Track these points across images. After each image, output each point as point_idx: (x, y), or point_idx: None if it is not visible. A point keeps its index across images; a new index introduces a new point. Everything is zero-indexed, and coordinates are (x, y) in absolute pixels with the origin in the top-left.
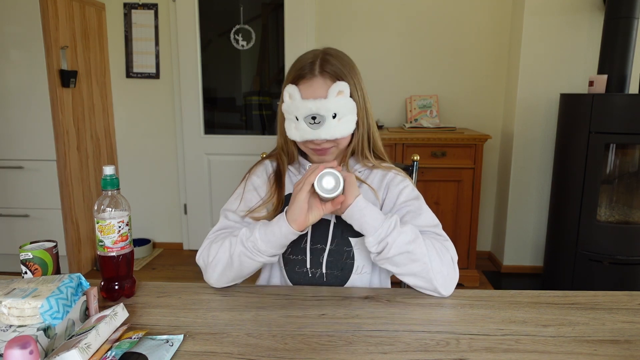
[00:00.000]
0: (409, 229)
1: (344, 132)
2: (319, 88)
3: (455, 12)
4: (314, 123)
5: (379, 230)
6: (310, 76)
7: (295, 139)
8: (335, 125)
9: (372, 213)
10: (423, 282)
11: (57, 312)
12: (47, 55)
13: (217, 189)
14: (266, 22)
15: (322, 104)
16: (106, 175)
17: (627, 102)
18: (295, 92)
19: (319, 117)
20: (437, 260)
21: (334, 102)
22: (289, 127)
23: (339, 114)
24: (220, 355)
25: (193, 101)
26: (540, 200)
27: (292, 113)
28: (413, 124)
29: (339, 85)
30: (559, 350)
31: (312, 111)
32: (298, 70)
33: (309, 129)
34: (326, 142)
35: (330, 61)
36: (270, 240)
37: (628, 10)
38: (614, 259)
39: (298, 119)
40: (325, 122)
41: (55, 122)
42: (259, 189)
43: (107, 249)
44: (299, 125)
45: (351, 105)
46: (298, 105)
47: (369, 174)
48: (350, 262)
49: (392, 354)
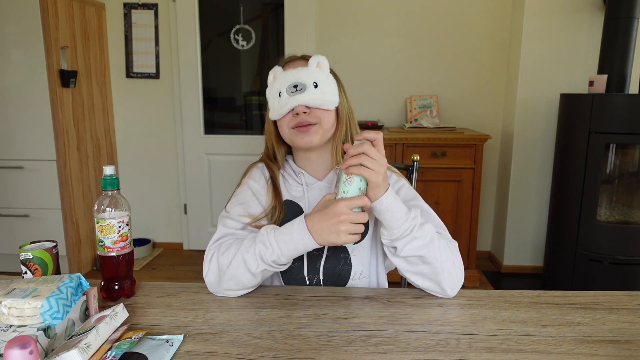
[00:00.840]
0: (427, 231)
1: (325, 102)
2: (300, 64)
3: (455, 12)
4: (296, 91)
5: (395, 230)
6: (293, 58)
7: (280, 113)
8: (317, 94)
9: (394, 212)
10: (431, 283)
11: (57, 312)
12: (47, 55)
13: (217, 189)
14: (266, 22)
15: (302, 71)
16: (106, 175)
17: (627, 102)
18: (278, 69)
19: (300, 85)
20: (448, 263)
21: (315, 71)
22: (272, 108)
23: (320, 83)
24: (220, 355)
25: (193, 101)
26: (540, 200)
27: (274, 90)
28: (413, 124)
29: (318, 58)
30: (559, 350)
31: (294, 78)
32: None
33: (290, 98)
34: (308, 115)
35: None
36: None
37: (628, 10)
38: (614, 259)
39: (281, 94)
40: (307, 89)
41: (55, 122)
42: (258, 195)
43: (107, 249)
44: (281, 100)
45: (332, 81)
46: (280, 78)
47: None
48: (347, 268)
49: (392, 354)
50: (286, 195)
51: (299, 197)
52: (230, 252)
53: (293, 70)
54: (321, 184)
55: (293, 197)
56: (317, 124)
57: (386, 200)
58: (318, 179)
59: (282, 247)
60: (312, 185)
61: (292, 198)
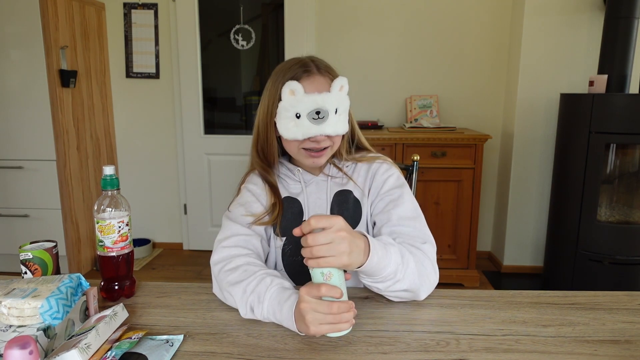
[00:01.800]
0: (407, 266)
1: (344, 128)
2: (321, 84)
3: (455, 12)
4: (318, 118)
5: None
6: (309, 73)
7: (297, 137)
8: (337, 121)
9: (377, 269)
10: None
11: (57, 312)
12: (47, 55)
13: (217, 189)
14: (266, 22)
15: (327, 98)
16: (106, 175)
17: (627, 102)
18: (298, 88)
19: (322, 112)
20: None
21: (337, 96)
22: (287, 127)
23: (339, 109)
24: (220, 355)
25: (193, 101)
26: (540, 200)
27: (293, 110)
28: (413, 124)
29: (341, 80)
30: (559, 350)
31: (318, 105)
32: (292, 70)
33: (312, 125)
34: (326, 141)
35: (319, 60)
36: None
37: (628, 10)
38: (614, 259)
39: (300, 116)
40: (329, 117)
41: (55, 122)
42: (258, 197)
43: (107, 249)
44: (300, 123)
45: (348, 103)
46: (302, 99)
47: (355, 167)
48: None
49: (392, 354)
50: (285, 192)
51: (298, 193)
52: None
53: (317, 96)
54: (318, 179)
55: (292, 193)
56: (329, 147)
57: (369, 264)
58: (314, 175)
59: (269, 314)
60: (309, 181)
61: (291, 195)
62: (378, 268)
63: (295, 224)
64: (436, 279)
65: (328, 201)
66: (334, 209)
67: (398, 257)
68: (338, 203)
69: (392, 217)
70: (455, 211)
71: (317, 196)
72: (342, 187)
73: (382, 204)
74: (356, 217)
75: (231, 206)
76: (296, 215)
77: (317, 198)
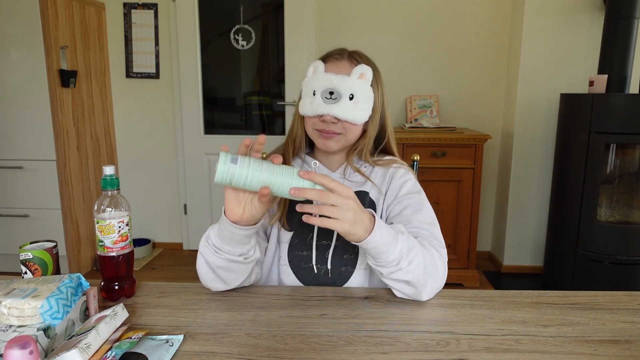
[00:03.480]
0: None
1: (356, 118)
2: (343, 67)
3: (455, 12)
4: (330, 98)
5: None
6: (339, 57)
7: (307, 113)
8: (350, 107)
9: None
10: (410, 291)
11: (57, 312)
12: (47, 55)
13: (217, 189)
14: (266, 22)
15: (342, 80)
16: (106, 175)
17: (627, 102)
18: (320, 66)
19: (336, 93)
20: (432, 278)
21: (355, 82)
22: (304, 103)
23: (357, 96)
24: (220, 355)
25: (193, 101)
26: (541, 200)
27: (310, 86)
28: (413, 124)
29: (362, 68)
30: (559, 350)
31: (332, 84)
32: (328, 52)
33: (323, 104)
34: (335, 125)
35: (360, 53)
36: (222, 236)
37: (628, 10)
38: (614, 259)
39: (315, 93)
40: (341, 100)
41: (55, 122)
42: None
43: (107, 249)
44: (314, 100)
45: (369, 94)
46: (319, 77)
47: (372, 169)
48: (354, 257)
49: (392, 354)
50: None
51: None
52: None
53: (333, 76)
54: (334, 175)
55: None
56: (341, 134)
57: (372, 240)
58: (331, 170)
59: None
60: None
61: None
62: (380, 251)
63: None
64: (442, 284)
65: None
66: None
67: (404, 247)
68: None
69: (412, 220)
70: (455, 211)
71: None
72: (358, 188)
73: (400, 207)
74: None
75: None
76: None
77: None
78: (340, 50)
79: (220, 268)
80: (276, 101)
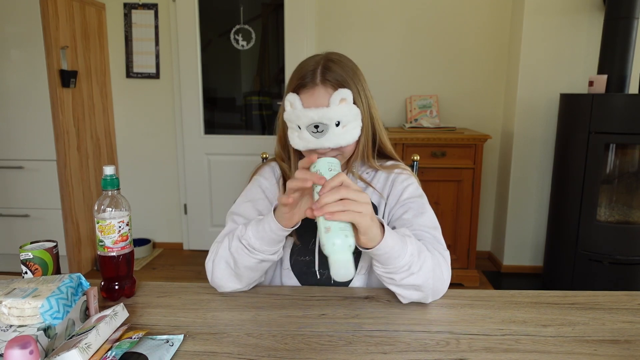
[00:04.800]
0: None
1: (348, 140)
2: (320, 97)
3: (455, 12)
4: (317, 132)
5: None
6: (312, 85)
7: (299, 148)
8: (340, 133)
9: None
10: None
11: (57, 312)
12: (47, 55)
13: (217, 189)
14: (266, 22)
15: (324, 113)
16: (106, 175)
17: (627, 102)
18: (297, 101)
19: (321, 126)
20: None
21: (337, 110)
22: (292, 136)
23: (343, 121)
24: (220, 355)
25: (193, 101)
26: (540, 200)
27: (294, 122)
28: (413, 124)
29: (341, 93)
30: (559, 350)
31: (314, 120)
32: (299, 79)
33: (312, 138)
34: (331, 151)
35: (332, 68)
36: (263, 237)
37: (628, 10)
38: (614, 259)
39: (300, 128)
40: (329, 131)
41: (55, 122)
42: (267, 191)
43: (107, 249)
44: (302, 135)
45: (355, 112)
46: (299, 114)
47: (375, 174)
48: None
49: (392, 354)
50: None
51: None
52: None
53: (314, 111)
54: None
55: None
56: (339, 155)
57: (384, 245)
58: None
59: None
60: None
61: None
62: (392, 256)
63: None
64: (446, 287)
65: None
66: None
67: (414, 250)
68: None
69: (414, 224)
70: (455, 211)
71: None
72: None
73: (402, 210)
74: None
75: (237, 201)
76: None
77: None
78: (312, 73)
79: (248, 268)
80: (276, 101)
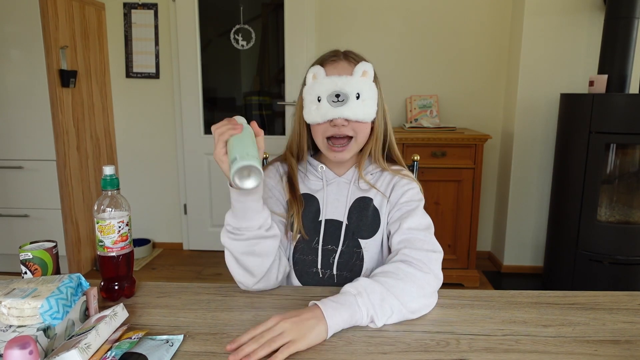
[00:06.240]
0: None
1: (366, 115)
2: (343, 68)
3: (455, 12)
4: (338, 101)
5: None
6: (336, 58)
7: (316, 120)
8: (359, 105)
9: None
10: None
11: (57, 312)
12: (47, 55)
13: (217, 189)
14: (266, 22)
15: (347, 81)
16: (106, 175)
17: (627, 102)
18: (320, 71)
19: (342, 95)
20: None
21: (359, 80)
22: (309, 111)
23: (362, 94)
24: (220, 355)
25: (193, 101)
26: (541, 200)
27: (314, 93)
28: (413, 124)
29: (364, 65)
30: (560, 350)
31: (337, 87)
32: (321, 56)
33: (331, 108)
34: (346, 127)
35: (354, 51)
36: (236, 214)
37: (628, 10)
38: (614, 259)
39: (320, 99)
40: (349, 101)
41: (55, 122)
42: (273, 190)
43: (107, 249)
44: (320, 106)
45: (374, 90)
46: (322, 81)
47: (379, 176)
48: (359, 263)
49: (392, 354)
50: (304, 189)
51: (317, 190)
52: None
53: (337, 78)
54: (340, 180)
55: (311, 190)
56: (352, 138)
57: (335, 326)
58: (339, 175)
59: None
60: (331, 180)
61: (310, 191)
62: (351, 322)
63: (311, 222)
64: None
65: (347, 204)
66: (352, 214)
67: (370, 307)
68: (358, 209)
69: (402, 225)
70: (455, 211)
71: (336, 197)
72: (364, 194)
73: (398, 213)
74: (374, 226)
75: None
76: (313, 214)
77: (335, 199)
78: (335, 52)
79: (244, 254)
80: (276, 101)
